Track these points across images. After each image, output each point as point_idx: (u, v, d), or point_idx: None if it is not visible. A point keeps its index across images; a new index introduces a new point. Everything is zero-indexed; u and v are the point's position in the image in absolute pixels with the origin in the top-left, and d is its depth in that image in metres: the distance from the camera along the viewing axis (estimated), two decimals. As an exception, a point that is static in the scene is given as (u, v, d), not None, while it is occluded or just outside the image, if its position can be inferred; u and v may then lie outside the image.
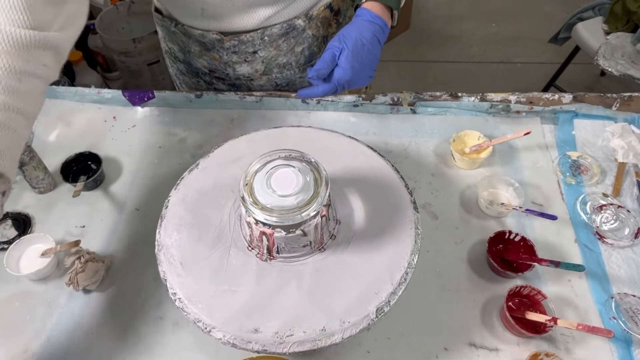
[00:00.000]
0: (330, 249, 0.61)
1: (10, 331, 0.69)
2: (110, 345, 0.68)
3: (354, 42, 0.71)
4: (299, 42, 0.87)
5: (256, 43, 0.84)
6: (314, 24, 0.86)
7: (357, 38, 0.71)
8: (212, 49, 0.87)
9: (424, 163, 0.88)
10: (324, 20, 0.87)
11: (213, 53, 0.88)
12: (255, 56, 0.87)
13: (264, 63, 0.89)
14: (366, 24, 0.73)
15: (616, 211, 0.78)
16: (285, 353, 0.54)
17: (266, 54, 0.87)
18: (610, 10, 1.80)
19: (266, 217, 0.54)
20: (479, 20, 2.75)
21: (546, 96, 0.93)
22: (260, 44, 0.85)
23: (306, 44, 0.89)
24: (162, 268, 0.60)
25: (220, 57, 0.88)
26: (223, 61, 0.89)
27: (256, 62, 0.89)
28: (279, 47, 0.86)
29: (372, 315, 0.55)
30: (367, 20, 0.73)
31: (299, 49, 0.89)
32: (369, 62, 0.73)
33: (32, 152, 0.80)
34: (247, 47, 0.85)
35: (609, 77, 2.32)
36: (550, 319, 0.64)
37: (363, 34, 0.72)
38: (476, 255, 0.75)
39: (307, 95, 0.76)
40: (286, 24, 0.83)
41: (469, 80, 2.45)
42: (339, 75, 0.72)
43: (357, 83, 0.74)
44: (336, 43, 0.72)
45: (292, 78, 0.94)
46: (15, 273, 0.72)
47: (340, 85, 0.73)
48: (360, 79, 0.73)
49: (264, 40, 0.84)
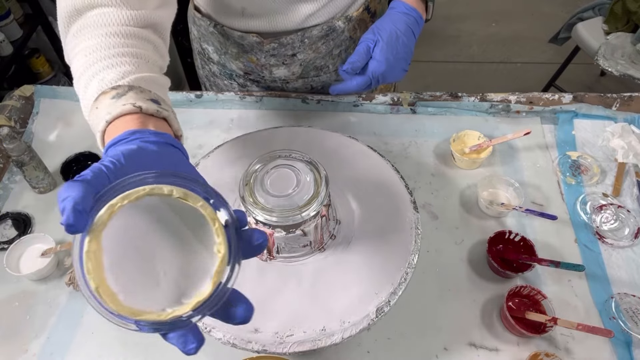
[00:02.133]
0: (330, 249, 0.61)
1: (10, 331, 0.69)
2: (110, 345, 0.68)
3: (388, 34, 0.70)
4: (337, 44, 0.86)
5: (296, 45, 0.83)
6: (352, 25, 0.85)
7: (392, 30, 0.70)
8: (250, 51, 0.85)
9: (424, 163, 0.88)
10: (361, 22, 0.86)
11: (251, 55, 0.86)
12: (294, 59, 0.86)
13: (302, 66, 0.88)
14: (401, 15, 0.72)
15: (616, 211, 0.78)
16: (285, 353, 0.54)
17: (305, 57, 0.86)
18: (610, 10, 1.81)
19: (266, 217, 0.54)
20: (479, 20, 2.75)
21: (546, 96, 0.93)
22: (299, 46, 0.83)
23: (343, 47, 0.88)
24: (162, 268, 0.60)
25: (258, 60, 0.86)
26: (260, 64, 0.87)
27: (294, 64, 0.87)
28: (317, 50, 0.85)
29: (372, 315, 0.55)
30: (401, 12, 0.72)
31: (336, 52, 0.88)
32: (404, 54, 0.72)
33: (32, 152, 0.80)
34: (287, 50, 0.84)
35: (609, 77, 2.32)
36: (550, 319, 0.64)
37: (397, 26, 0.71)
38: (476, 255, 0.75)
39: (340, 91, 0.74)
40: (326, 26, 0.82)
41: (469, 80, 2.45)
42: (374, 67, 0.70)
43: (392, 76, 0.72)
44: (370, 35, 0.71)
45: (327, 81, 0.93)
46: (15, 273, 0.72)
47: (375, 79, 0.71)
48: (395, 72, 0.72)
49: (304, 43, 0.83)
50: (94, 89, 0.45)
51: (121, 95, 0.43)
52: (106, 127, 0.42)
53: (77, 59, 0.49)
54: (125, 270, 0.33)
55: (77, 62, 0.49)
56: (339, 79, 0.94)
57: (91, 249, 0.31)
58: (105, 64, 0.47)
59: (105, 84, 0.45)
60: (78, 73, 0.48)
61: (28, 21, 1.85)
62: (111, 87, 0.44)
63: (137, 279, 0.33)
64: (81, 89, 0.48)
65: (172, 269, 0.34)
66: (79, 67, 0.48)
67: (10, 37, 1.76)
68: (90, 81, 0.47)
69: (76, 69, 0.49)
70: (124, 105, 0.41)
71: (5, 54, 1.74)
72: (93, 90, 0.46)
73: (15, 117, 0.95)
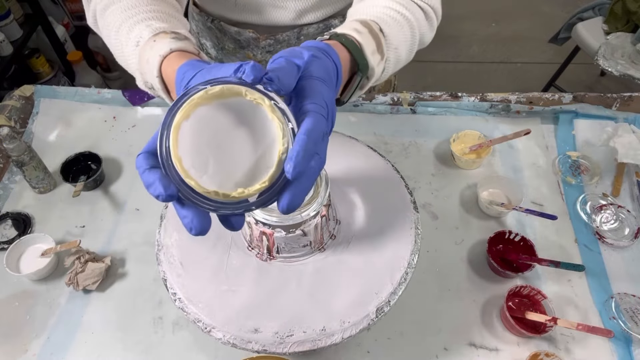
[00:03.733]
0: (330, 249, 0.61)
1: (10, 331, 0.69)
2: (110, 345, 0.68)
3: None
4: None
5: (292, 42, 0.83)
6: None
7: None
8: (247, 47, 0.86)
9: (424, 163, 0.88)
10: None
11: (248, 51, 0.87)
12: None
13: None
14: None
15: (616, 211, 0.78)
16: (285, 353, 0.54)
17: None
18: (610, 10, 1.80)
19: (266, 217, 0.54)
20: (479, 20, 2.75)
21: (546, 96, 0.93)
22: (296, 43, 0.84)
23: None
24: (162, 268, 0.60)
25: (255, 56, 0.87)
26: (257, 60, 0.88)
27: None
28: None
29: (372, 315, 0.55)
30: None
31: None
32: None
33: (32, 152, 0.80)
34: (283, 47, 0.84)
35: (609, 77, 2.32)
36: (550, 319, 0.64)
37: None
38: (476, 255, 0.75)
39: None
40: (322, 24, 0.82)
41: (469, 80, 2.45)
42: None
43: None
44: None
45: None
46: (15, 273, 0.73)
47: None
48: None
49: (300, 40, 0.83)
50: (145, 32, 0.50)
51: (181, 40, 0.48)
52: (167, 55, 0.46)
53: (112, 14, 0.54)
54: (200, 154, 0.35)
55: (113, 15, 0.54)
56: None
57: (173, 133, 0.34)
58: (148, 16, 0.52)
59: (153, 30, 0.49)
60: (119, 21, 0.53)
61: (28, 21, 1.85)
62: (170, 31, 0.49)
63: (210, 164, 0.35)
64: (124, 33, 0.52)
65: (242, 159, 0.36)
66: (116, 18, 0.53)
67: (10, 37, 1.76)
68: (134, 26, 0.51)
69: (114, 19, 0.54)
70: (187, 45, 0.47)
71: (5, 54, 1.74)
72: (142, 32, 0.50)
73: (15, 117, 0.95)
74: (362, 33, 0.51)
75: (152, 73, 0.48)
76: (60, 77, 2.03)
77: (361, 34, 0.51)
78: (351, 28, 0.52)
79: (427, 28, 0.63)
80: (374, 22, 0.54)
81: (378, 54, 0.53)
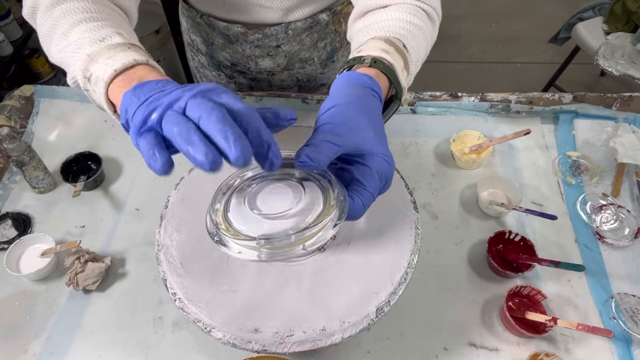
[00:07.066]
0: (330, 249, 0.61)
1: (10, 331, 0.69)
2: (110, 345, 0.68)
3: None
4: (321, 37, 0.87)
5: (280, 37, 0.84)
6: (337, 19, 0.86)
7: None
8: (235, 42, 0.87)
9: (424, 163, 0.88)
10: (347, 15, 0.87)
11: (236, 46, 0.87)
12: (278, 50, 0.87)
13: (287, 57, 0.89)
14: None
15: (616, 211, 0.78)
16: (285, 353, 0.54)
17: (289, 49, 0.87)
18: (610, 10, 1.81)
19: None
20: (479, 20, 2.75)
21: (546, 96, 0.93)
22: (283, 37, 0.84)
23: (328, 39, 0.89)
24: (162, 268, 0.60)
25: (244, 51, 0.88)
26: (246, 55, 0.89)
27: (279, 56, 0.88)
28: (302, 42, 0.86)
29: (372, 315, 0.55)
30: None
31: (321, 44, 0.89)
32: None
33: (32, 152, 0.80)
34: (271, 41, 0.85)
35: (609, 77, 2.32)
36: (550, 319, 0.64)
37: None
38: (476, 255, 0.75)
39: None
40: (310, 18, 0.83)
41: (469, 80, 2.45)
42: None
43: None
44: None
45: (313, 74, 0.94)
46: (15, 273, 0.73)
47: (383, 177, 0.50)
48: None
49: (288, 34, 0.84)
50: (86, 39, 0.48)
51: (127, 49, 0.47)
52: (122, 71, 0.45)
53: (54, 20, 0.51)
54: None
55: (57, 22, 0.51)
56: (325, 71, 0.94)
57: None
58: (93, 26, 0.49)
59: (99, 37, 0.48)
60: (68, 23, 0.50)
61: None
62: (122, 42, 0.48)
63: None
64: (59, 33, 0.50)
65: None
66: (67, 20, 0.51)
67: (10, 37, 1.76)
68: (73, 29, 0.49)
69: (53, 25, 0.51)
70: (135, 57, 0.46)
71: (5, 54, 1.74)
72: (84, 37, 0.48)
73: (15, 117, 0.95)
74: (390, 53, 0.51)
75: (98, 90, 0.47)
76: (60, 77, 2.03)
77: (390, 54, 0.50)
78: (378, 48, 0.51)
79: (433, 31, 0.63)
80: (396, 39, 0.53)
81: (405, 70, 0.53)
